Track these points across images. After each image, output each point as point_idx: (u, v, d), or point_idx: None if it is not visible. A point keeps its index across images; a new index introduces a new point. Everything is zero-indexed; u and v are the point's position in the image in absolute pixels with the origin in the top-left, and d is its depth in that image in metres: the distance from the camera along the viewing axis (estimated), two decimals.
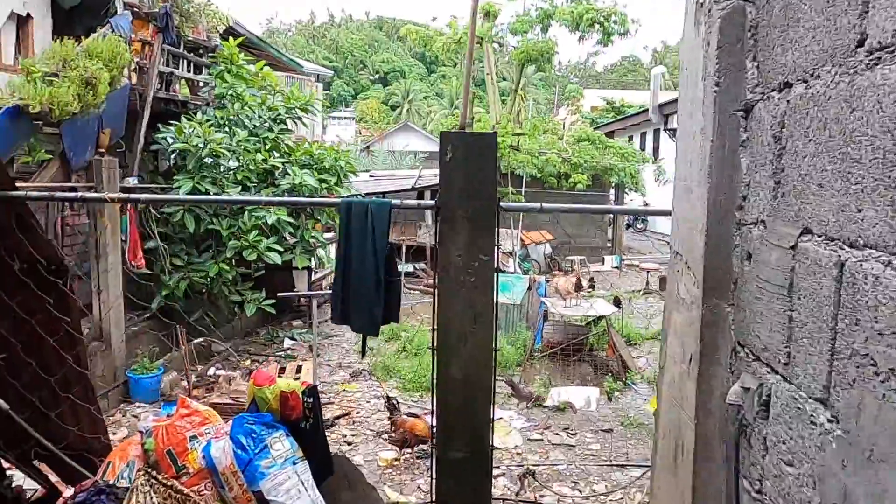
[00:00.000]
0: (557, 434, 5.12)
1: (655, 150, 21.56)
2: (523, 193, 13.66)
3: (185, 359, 6.14)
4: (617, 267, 15.71)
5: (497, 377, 2.73)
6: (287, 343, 8.31)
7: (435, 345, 2.53)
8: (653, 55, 66.36)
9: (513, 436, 5.08)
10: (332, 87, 56.72)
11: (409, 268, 11.60)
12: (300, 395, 2.59)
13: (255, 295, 7.31)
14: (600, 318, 7.21)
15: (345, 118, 46.21)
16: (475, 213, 2.45)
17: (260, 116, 7.79)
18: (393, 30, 71.20)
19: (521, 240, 14.07)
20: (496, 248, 2.47)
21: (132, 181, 6.51)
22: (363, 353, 3.05)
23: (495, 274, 2.50)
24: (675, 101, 19.75)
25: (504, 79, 21.63)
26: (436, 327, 2.51)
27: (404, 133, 36.21)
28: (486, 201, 2.46)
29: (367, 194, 16.13)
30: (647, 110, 22.19)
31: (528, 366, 7.06)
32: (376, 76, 61.56)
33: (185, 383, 6.18)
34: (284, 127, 8.12)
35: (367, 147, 30.00)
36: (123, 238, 6.22)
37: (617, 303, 7.86)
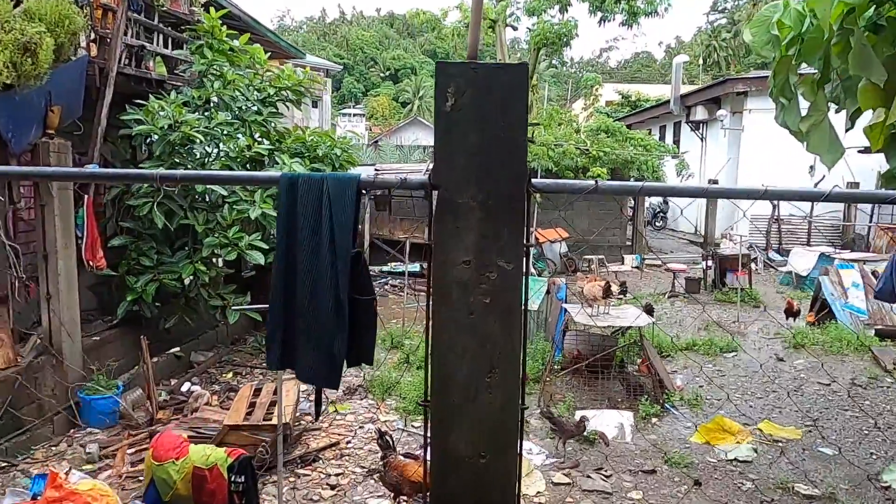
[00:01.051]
0: (589, 477, 4.19)
1: (676, 143, 20.50)
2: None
3: (148, 374, 5.27)
4: (637, 267, 14.71)
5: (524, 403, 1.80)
6: None
7: (428, 401, 1.62)
8: (666, 51, 65.00)
9: (534, 478, 4.15)
10: (343, 85, 55.95)
11: (416, 267, 10.69)
12: (224, 474, 1.68)
13: (239, 299, 6.44)
14: (628, 327, 6.26)
15: (355, 115, 45.52)
16: (494, 195, 1.53)
17: (246, 98, 6.90)
18: (404, 26, 70.41)
19: (536, 237, 13.10)
20: (527, 250, 1.55)
21: (93, 169, 5.64)
22: (317, 412, 2.14)
23: (524, 289, 1.58)
24: (699, 91, 18.76)
25: None
26: (429, 376, 1.60)
27: (413, 128, 35.39)
28: (510, 178, 1.55)
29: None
30: (668, 102, 21.14)
31: (548, 383, 6.13)
32: (387, 73, 60.78)
33: (153, 403, 5.31)
34: (274, 111, 7.24)
35: (376, 142, 29.12)
36: (80, 234, 5.36)
37: (649, 310, 6.90)
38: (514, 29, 14.18)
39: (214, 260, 6.37)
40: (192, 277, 6.03)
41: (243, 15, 9.29)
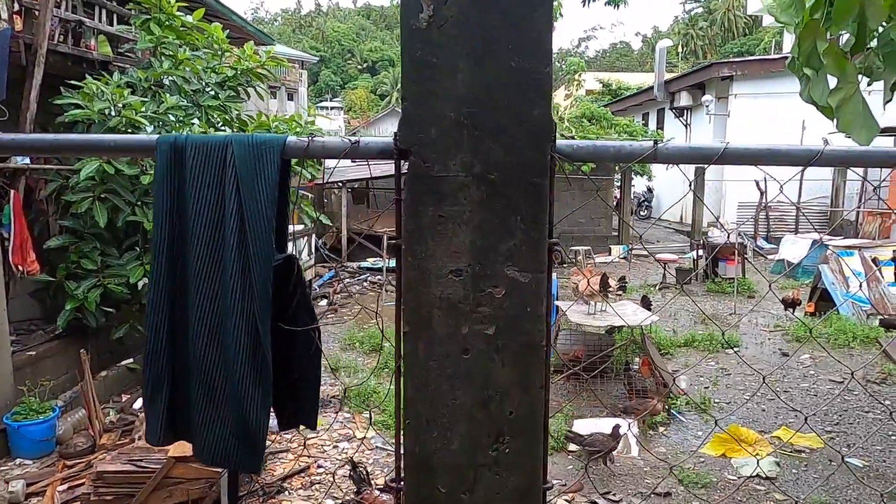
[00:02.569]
0: (595, 502, 3.66)
1: (660, 130, 20.09)
2: None
3: (89, 392, 4.62)
4: (625, 257, 14.30)
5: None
6: None
7: (400, 482, 1.04)
8: (643, 40, 64.91)
9: None
10: (320, 77, 54.76)
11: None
12: None
13: None
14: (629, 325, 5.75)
15: (333, 108, 44.66)
16: (499, 166, 0.96)
17: (202, 81, 6.21)
18: (381, 18, 69.26)
19: None
20: (551, 251, 0.98)
21: (20, 161, 4.94)
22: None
23: (547, 312, 1.01)
24: (683, 76, 18.44)
25: None
26: (402, 446, 1.03)
27: (392, 119, 34.77)
28: (525, 138, 0.97)
29: (349, 181, 14.52)
30: (651, 88, 20.71)
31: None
32: (364, 65, 59.72)
33: (94, 426, 4.66)
34: (234, 94, 6.56)
35: (354, 134, 28.36)
36: (6, 235, 4.68)
37: (647, 304, 6.40)
38: None
39: None
40: (144, 281, 5.36)
41: None
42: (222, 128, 6.37)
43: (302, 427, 3.62)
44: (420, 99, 0.97)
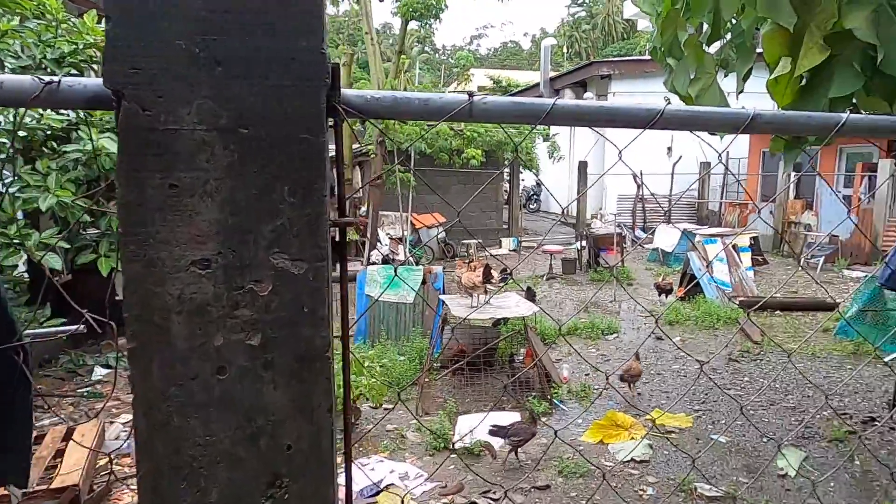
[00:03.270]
0: (474, 503, 3.52)
1: (547, 126, 20.78)
2: (412, 171, 11.98)
3: None
4: (515, 250, 14.60)
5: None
6: (99, 373, 6.06)
7: None
8: (532, 40, 67.32)
9: None
10: None
11: None
12: None
13: (27, 314, 5.03)
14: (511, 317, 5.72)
15: None
16: (257, 119, 0.69)
17: (31, 57, 5.39)
18: None
19: (412, 223, 12.42)
20: (342, 234, 0.74)
21: None
22: None
23: (328, 310, 0.76)
24: (566, 74, 19.13)
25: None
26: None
27: None
28: (292, 80, 0.72)
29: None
30: (538, 85, 21.37)
31: (427, 384, 5.43)
32: None
33: None
34: (76, 73, 5.76)
35: None
36: None
37: (531, 295, 6.43)
38: (381, 0, 13.22)
39: None
40: None
41: None
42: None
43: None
44: (131, 18, 0.69)
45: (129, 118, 0.70)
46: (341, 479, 1.04)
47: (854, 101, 3.21)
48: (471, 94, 0.88)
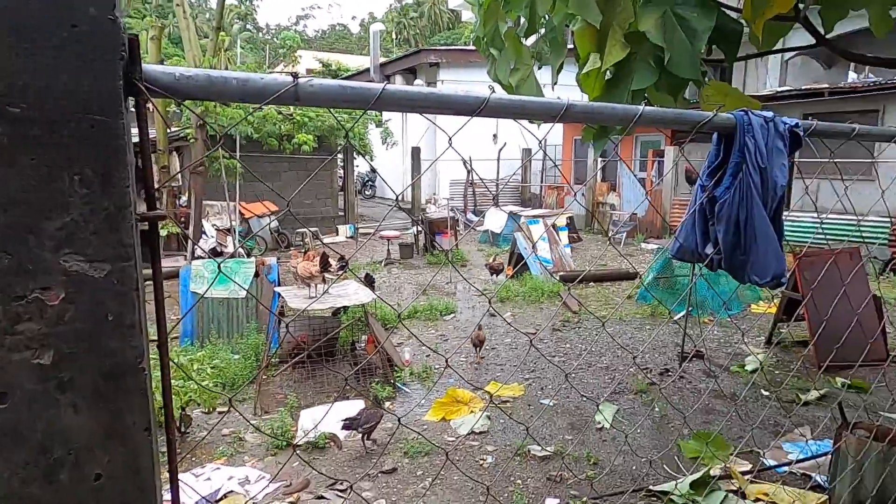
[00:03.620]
0: (322, 497, 3.45)
1: (379, 112, 20.80)
2: (238, 158, 11.24)
3: None
4: (352, 237, 14.48)
5: None
6: None
7: None
8: (361, 24, 66.70)
9: None
10: None
11: None
12: None
13: None
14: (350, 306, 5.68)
15: None
16: (33, 95, 0.57)
17: None
18: None
19: (241, 213, 11.70)
20: (153, 229, 0.64)
21: None
22: None
23: (141, 316, 0.67)
24: (396, 60, 19.18)
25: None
26: None
27: None
28: (77, 42, 0.60)
29: None
30: (368, 70, 21.26)
31: (265, 381, 5.18)
32: None
33: None
34: None
35: None
36: None
37: (370, 281, 6.42)
38: None
39: None
40: None
41: None
42: None
43: None
44: None
45: None
46: (169, 496, 0.93)
47: (646, 94, 3.64)
48: (295, 76, 0.83)
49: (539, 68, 4.34)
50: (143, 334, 0.68)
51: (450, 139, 1.04)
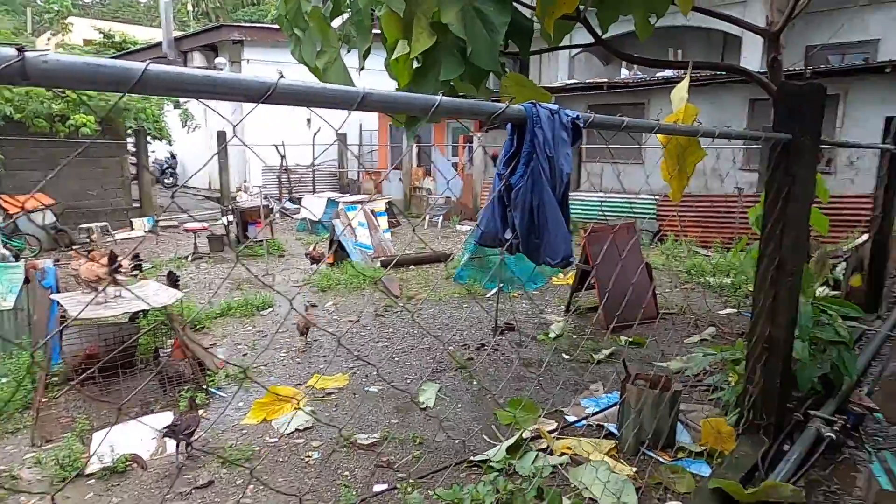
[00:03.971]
0: None
1: None
2: None
3: None
4: (151, 231, 13.04)
5: None
6: None
7: None
8: None
9: None
10: None
11: None
12: None
13: None
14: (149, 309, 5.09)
15: None
16: None
17: None
18: None
19: (3, 208, 9.85)
20: None
21: None
22: None
23: None
24: (194, 35, 17.60)
25: None
26: None
27: None
28: None
29: None
30: (160, 44, 19.11)
31: (45, 405, 4.44)
32: None
33: None
34: None
35: None
36: None
37: (173, 280, 5.82)
38: None
39: None
40: None
41: None
42: None
43: None
44: None
45: None
46: None
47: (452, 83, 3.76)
48: (21, 49, 0.66)
49: (347, 52, 4.25)
50: None
51: (234, 127, 0.93)
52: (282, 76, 0.90)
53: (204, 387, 4.70)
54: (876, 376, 4.75)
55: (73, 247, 10.69)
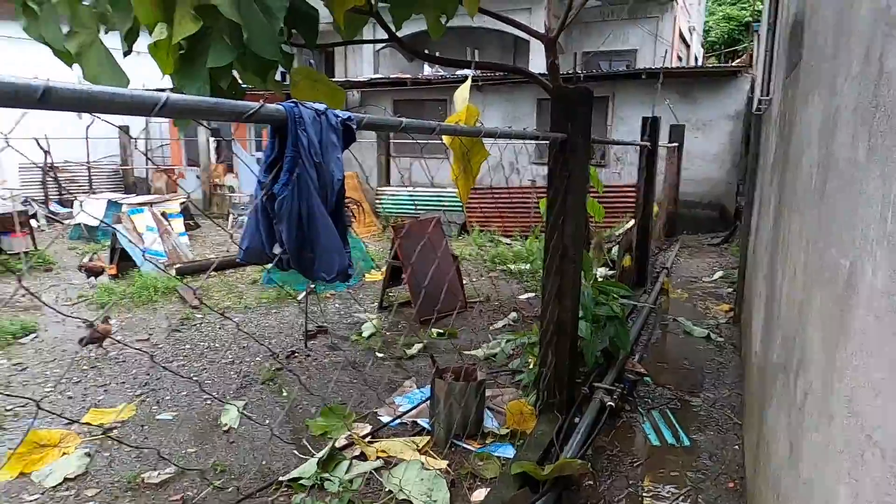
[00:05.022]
0: None
1: None
2: None
3: None
4: None
5: None
6: None
7: None
8: None
9: None
10: None
11: None
12: None
13: None
14: None
15: None
16: None
17: None
18: None
19: None
20: None
21: None
22: None
23: None
24: None
25: None
26: None
27: None
28: None
29: None
30: None
31: None
32: None
33: None
34: None
35: None
36: None
37: None
38: None
39: None
40: None
41: None
42: None
43: None
44: None
45: None
46: None
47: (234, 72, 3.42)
48: None
49: (106, 32, 3.66)
50: None
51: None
52: (49, 81, 0.63)
53: None
54: (644, 344, 5.48)
55: None
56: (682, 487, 3.23)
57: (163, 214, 9.34)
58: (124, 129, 15.54)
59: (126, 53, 3.54)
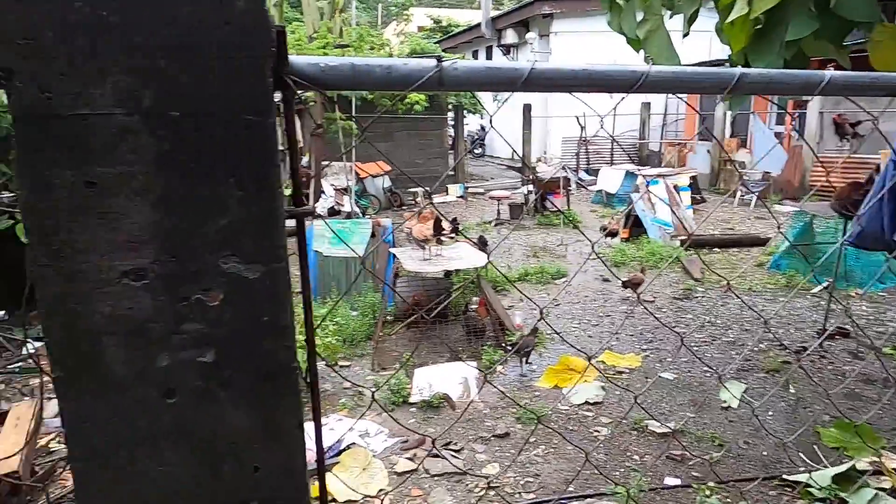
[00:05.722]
0: (437, 455, 3.56)
1: None
2: (354, 119, 11.56)
3: None
4: (462, 196, 14.53)
5: None
6: (31, 346, 5.72)
7: None
8: None
9: (373, 471, 3.41)
10: None
11: None
12: None
13: None
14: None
15: None
16: (193, 91, 0.56)
17: None
18: None
19: (356, 173, 12.09)
20: (300, 224, 0.62)
21: None
22: None
23: (290, 326, 0.66)
24: (507, 13, 18.56)
25: None
26: None
27: None
28: (225, 39, 0.58)
29: None
30: (479, 25, 20.83)
31: (381, 339, 5.39)
32: None
33: None
34: None
35: None
36: None
37: (483, 243, 6.41)
38: None
39: None
40: None
41: None
42: None
43: None
44: None
45: (24, 102, 0.56)
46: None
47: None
48: (440, 59, 0.77)
49: (670, 17, 3.97)
50: (293, 336, 0.68)
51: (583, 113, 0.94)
52: (651, 62, 0.87)
53: (503, 344, 5.10)
54: None
55: (403, 206, 12.59)
56: None
57: (674, 187, 9.74)
58: (645, 106, 16.72)
59: (685, 35, 3.76)
